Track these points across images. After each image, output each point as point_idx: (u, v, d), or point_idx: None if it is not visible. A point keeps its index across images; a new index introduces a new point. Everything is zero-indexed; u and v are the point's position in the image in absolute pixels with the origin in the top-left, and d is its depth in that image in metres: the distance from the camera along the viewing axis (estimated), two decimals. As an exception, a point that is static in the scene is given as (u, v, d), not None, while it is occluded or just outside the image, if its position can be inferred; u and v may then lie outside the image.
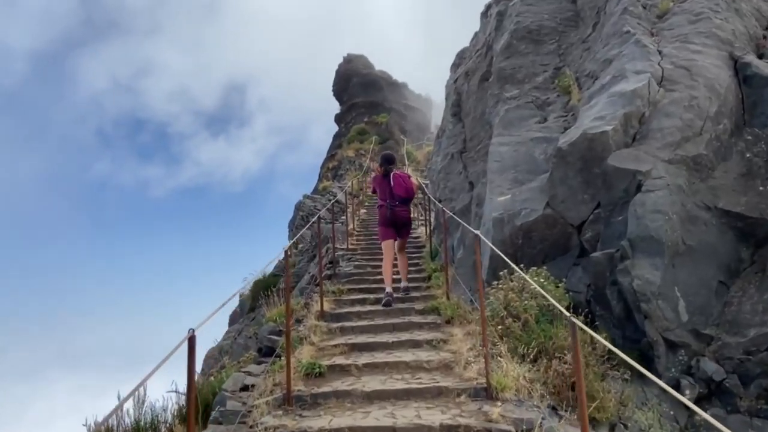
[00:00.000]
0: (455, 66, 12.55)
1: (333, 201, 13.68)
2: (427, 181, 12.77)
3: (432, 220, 15.55)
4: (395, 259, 9.54)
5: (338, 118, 41.49)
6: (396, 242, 9.40)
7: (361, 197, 20.44)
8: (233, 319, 19.87)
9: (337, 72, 43.80)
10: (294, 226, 22.43)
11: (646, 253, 6.64)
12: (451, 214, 8.86)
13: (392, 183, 9.12)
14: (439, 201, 10.73)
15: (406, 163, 23.80)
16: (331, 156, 35.18)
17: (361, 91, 41.20)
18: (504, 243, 7.75)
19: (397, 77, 43.67)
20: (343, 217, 18.33)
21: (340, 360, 6.86)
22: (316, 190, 28.40)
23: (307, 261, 16.40)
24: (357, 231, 15.80)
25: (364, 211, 19.36)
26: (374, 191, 9.62)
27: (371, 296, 9.71)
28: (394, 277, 9.54)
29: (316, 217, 9.17)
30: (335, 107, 42.53)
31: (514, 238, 7.76)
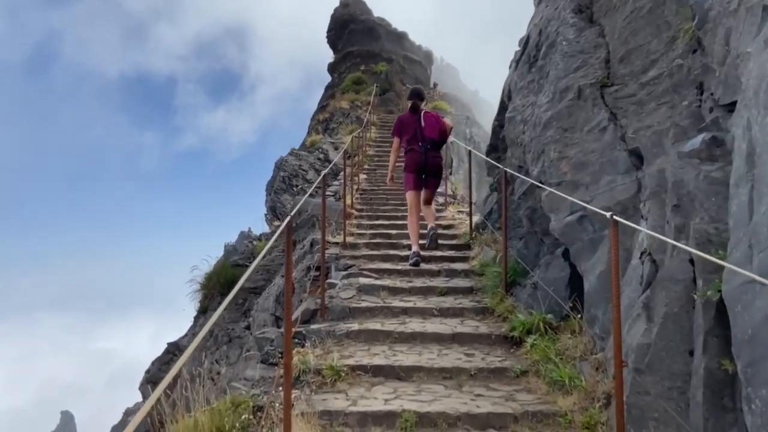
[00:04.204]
0: None
1: (328, 168, 7.78)
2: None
3: (477, 202, 9.66)
4: (421, 211, 7.28)
5: (331, 68, 35.15)
6: (423, 193, 7.22)
7: (359, 157, 14.41)
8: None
9: (333, 17, 37.13)
10: (272, 190, 16.42)
11: None
12: (631, 225, 2.90)
13: (423, 123, 7.12)
14: (540, 182, 4.84)
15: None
16: (322, 107, 28.79)
17: (357, 38, 34.93)
18: None
19: (396, 26, 37.09)
20: (336, 183, 12.31)
21: None
22: (303, 146, 22.25)
23: (282, 250, 10.48)
24: (357, 210, 9.89)
25: (364, 176, 13.36)
26: (396, 133, 7.30)
27: (403, 399, 3.92)
28: (422, 231, 7.23)
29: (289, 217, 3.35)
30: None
31: None
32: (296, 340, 4.89)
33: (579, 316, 4.40)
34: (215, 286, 10.74)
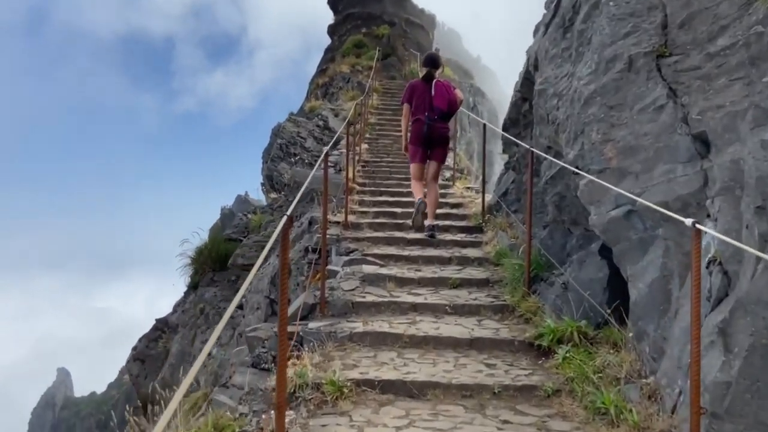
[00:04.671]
0: None
1: (331, 144, 7.06)
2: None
3: (487, 180, 8.92)
4: (425, 186, 6.81)
5: (331, 30, 33.87)
6: (429, 166, 6.81)
7: (361, 125, 13.59)
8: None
9: (333, -24, 35.59)
10: (269, 158, 15.64)
11: None
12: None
13: (433, 92, 6.58)
14: (576, 167, 4.14)
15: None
16: (321, 71, 27.71)
17: (358, 0, 33.63)
18: None
19: (399, -13, 35.58)
20: (336, 153, 11.54)
21: None
22: (301, 111, 21.32)
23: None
24: (359, 184, 9.18)
25: (366, 146, 12.58)
26: (406, 101, 6.82)
27: (417, 426, 3.30)
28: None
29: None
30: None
31: None
32: (292, 342, 4.26)
33: (622, 327, 3.76)
34: (207, 260, 10.10)
